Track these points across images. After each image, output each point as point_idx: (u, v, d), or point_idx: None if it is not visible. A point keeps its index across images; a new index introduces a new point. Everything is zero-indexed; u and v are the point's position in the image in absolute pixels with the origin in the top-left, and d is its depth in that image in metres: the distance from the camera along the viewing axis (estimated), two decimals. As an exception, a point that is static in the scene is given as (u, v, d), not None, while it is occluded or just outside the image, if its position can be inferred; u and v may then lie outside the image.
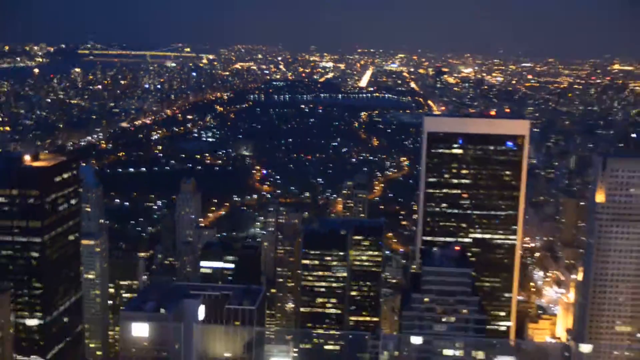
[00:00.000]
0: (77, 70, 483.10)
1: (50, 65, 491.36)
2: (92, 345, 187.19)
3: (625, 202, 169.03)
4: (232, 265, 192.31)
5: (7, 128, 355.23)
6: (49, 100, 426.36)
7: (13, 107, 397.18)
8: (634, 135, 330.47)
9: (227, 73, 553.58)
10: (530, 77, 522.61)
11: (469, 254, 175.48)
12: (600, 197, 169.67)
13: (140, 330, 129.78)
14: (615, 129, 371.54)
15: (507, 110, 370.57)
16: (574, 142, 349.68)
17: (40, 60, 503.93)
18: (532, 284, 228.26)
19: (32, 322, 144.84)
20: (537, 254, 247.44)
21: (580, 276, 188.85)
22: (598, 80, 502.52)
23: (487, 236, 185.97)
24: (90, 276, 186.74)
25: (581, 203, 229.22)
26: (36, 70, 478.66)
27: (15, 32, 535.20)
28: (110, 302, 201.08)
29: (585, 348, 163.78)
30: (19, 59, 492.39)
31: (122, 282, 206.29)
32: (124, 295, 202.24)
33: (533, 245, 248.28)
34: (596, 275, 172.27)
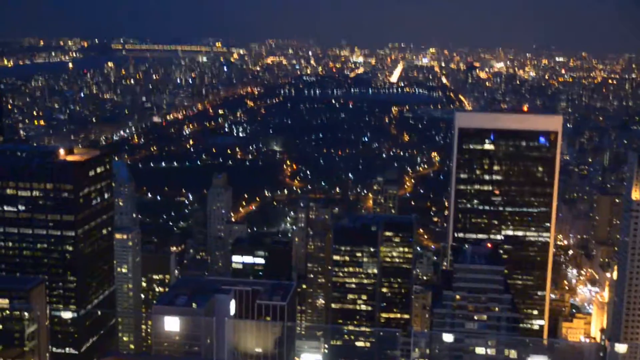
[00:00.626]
0: (110, 65, 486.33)
1: (84, 60, 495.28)
2: (125, 339, 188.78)
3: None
4: (262, 261, 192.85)
5: (42, 122, 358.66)
6: (83, 95, 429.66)
7: (47, 101, 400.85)
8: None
9: (258, 68, 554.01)
10: (563, 71, 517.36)
11: (501, 251, 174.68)
12: (636, 194, 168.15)
13: (172, 324, 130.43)
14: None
15: (540, 105, 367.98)
16: (609, 138, 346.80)
17: (74, 55, 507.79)
18: (565, 282, 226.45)
19: (67, 314, 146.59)
20: (570, 252, 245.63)
21: (615, 275, 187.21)
22: (633, 75, 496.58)
23: (520, 233, 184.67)
24: (123, 270, 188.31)
25: (616, 200, 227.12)
26: (70, 65, 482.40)
27: (50, 26, 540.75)
28: (142, 296, 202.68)
29: (621, 348, 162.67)
30: (53, 53, 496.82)
31: (154, 276, 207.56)
32: (156, 289, 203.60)
33: (566, 242, 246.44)
34: (631, 274, 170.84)
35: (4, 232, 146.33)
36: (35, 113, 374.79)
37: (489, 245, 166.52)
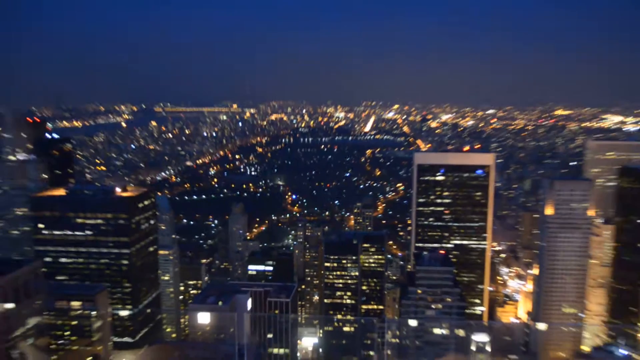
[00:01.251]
0: (154, 123, 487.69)
1: (133, 120, 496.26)
2: (168, 330, 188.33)
3: (568, 214, 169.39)
4: (271, 268, 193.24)
5: (103, 168, 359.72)
6: (133, 146, 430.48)
7: (107, 152, 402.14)
8: (573, 163, 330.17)
9: (265, 123, 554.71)
10: (493, 120, 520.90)
11: (451, 256, 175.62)
12: (549, 210, 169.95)
13: (204, 318, 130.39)
14: (559, 158, 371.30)
15: (477, 146, 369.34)
16: (528, 169, 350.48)
17: (126, 116, 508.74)
18: (499, 278, 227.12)
19: (124, 313, 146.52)
20: (502, 255, 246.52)
21: (535, 271, 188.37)
22: (544, 122, 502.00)
23: (464, 242, 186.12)
24: (166, 278, 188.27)
25: (535, 215, 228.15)
26: (123, 124, 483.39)
27: (108, 95, 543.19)
28: (180, 297, 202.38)
29: (541, 326, 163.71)
30: (110, 116, 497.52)
31: (189, 282, 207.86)
32: (191, 292, 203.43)
33: (499, 248, 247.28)
34: (547, 270, 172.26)
35: (76, 251, 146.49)
36: (97, 161, 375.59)
37: (442, 251, 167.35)
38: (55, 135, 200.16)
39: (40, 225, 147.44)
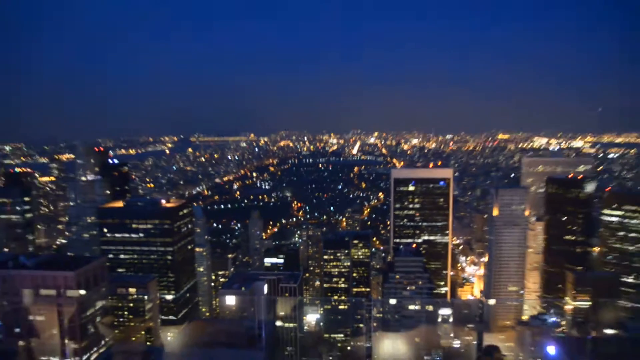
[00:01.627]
0: (190, 150, 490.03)
1: (174, 148, 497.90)
2: (203, 309, 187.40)
3: (510, 214, 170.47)
4: (282, 261, 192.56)
5: (152, 185, 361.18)
6: (175, 168, 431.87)
7: (155, 173, 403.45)
8: (512, 175, 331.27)
9: (275, 148, 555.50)
10: (451, 143, 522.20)
11: (421, 248, 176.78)
12: (495, 212, 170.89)
13: (231, 300, 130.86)
14: (501, 172, 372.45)
15: (439, 163, 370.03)
16: (478, 180, 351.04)
17: (169, 145, 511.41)
18: (459, 265, 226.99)
19: (169, 297, 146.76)
20: (461, 247, 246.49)
21: (486, 259, 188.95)
22: (489, 144, 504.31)
23: (431, 238, 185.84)
24: (201, 269, 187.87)
25: (485, 216, 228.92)
26: (167, 151, 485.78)
27: (155, 128, 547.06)
28: (212, 284, 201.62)
29: (491, 301, 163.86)
30: (157, 145, 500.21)
31: (219, 272, 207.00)
32: (220, 280, 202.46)
33: (458, 242, 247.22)
34: (495, 258, 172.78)
35: (132, 250, 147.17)
36: (147, 180, 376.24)
37: (414, 245, 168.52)
38: (116, 161, 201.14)
39: (105, 230, 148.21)
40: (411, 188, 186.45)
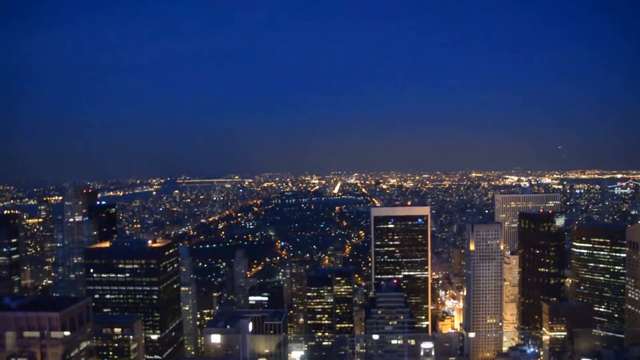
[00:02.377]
0: (176, 192, 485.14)
1: (161, 190, 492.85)
2: (188, 348, 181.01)
3: (485, 248, 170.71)
4: (266, 299, 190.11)
5: (138, 226, 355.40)
6: (161, 209, 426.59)
7: (141, 214, 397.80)
8: (486, 211, 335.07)
9: (259, 189, 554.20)
10: (427, 182, 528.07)
11: (402, 284, 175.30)
12: (472, 246, 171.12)
13: (216, 339, 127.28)
14: (476, 208, 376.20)
15: (417, 201, 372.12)
16: (455, 217, 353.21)
17: (156, 187, 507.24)
18: (439, 299, 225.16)
19: (154, 336, 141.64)
20: (440, 282, 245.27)
21: (464, 292, 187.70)
22: (464, 182, 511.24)
23: (412, 273, 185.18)
24: (186, 308, 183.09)
25: (462, 251, 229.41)
26: (154, 193, 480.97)
27: (142, 170, 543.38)
28: (197, 323, 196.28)
29: (472, 334, 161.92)
30: (145, 187, 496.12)
31: (204, 311, 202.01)
32: (205, 318, 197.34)
33: (437, 276, 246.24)
34: (474, 291, 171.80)
35: (117, 289, 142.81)
36: (134, 221, 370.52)
37: (395, 281, 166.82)
38: (103, 202, 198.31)
39: (91, 270, 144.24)
40: (390, 225, 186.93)
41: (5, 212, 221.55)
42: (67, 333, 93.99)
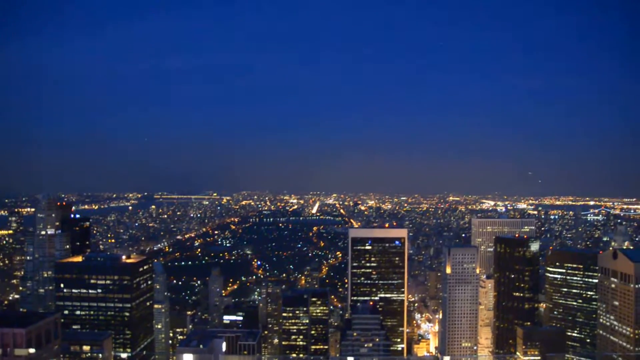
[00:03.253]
0: (153, 207, 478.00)
1: (138, 205, 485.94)
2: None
3: (462, 272, 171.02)
4: (241, 318, 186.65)
5: (112, 241, 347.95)
6: (137, 224, 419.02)
7: (117, 228, 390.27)
8: (463, 234, 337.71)
9: (237, 207, 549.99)
10: (405, 205, 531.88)
11: (378, 306, 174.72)
12: (448, 269, 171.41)
13: (188, 358, 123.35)
14: (453, 232, 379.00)
15: (394, 223, 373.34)
16: (432, 240, 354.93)
17: (133, 201, 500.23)
18: (414, 321, 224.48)
19: (124, 355, 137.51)
20: (416, 304, 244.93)
21: (440, 315, 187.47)
22: (442, 205, 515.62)
23: (388, 295, 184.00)
24: (158, 326, 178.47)
25: (438, 274, 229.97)
26: (130, 207, 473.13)
27: (119, 185, 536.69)
28: (170, 342, 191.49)
29: (447, 358, 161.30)
30: (121, 201, 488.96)
31: (177, 330, 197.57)
32: (178, 337, 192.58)
33: (413, 299, 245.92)
34: (449, 315, 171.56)
35: (88, 305, 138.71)
36: (109, 235, 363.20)
37: (371, 303, 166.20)
38: (77, 215, 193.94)
39: (61, 285, 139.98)
40: (368, 247, 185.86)
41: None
42: (32, 350, 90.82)
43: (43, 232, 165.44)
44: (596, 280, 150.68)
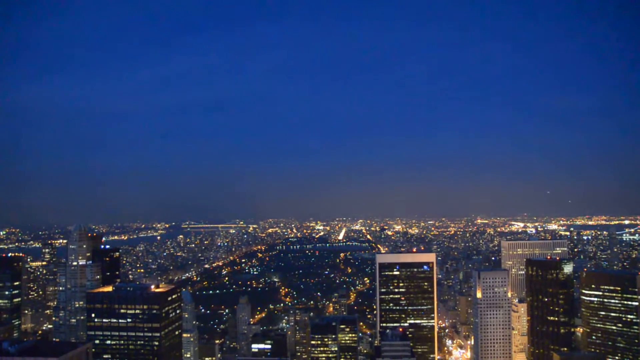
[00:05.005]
0: (181, 236, 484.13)
1: (166, 234, 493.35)
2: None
3: (493, 296, 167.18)
4: (270, 346, 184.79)
5: (142, 270, 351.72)
6: (165, 254, 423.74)
7: (145, 258, 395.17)
8: (493, 258, 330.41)
9: (264, 235, 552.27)
10: (433, 229, 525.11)
11: (408, 332, 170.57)
12: (479, 294, 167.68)
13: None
14: (482, 255, 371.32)
15: (422, 248, 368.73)
16: (461, 264, 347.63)
17: (161, 231, 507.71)
18: (445, 348, 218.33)
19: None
20: (447, 330, 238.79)
21: (472, 341, 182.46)
22: (470, 229, 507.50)
23: (417, 321, 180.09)
24: (187, 355, 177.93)
25: (469, 298, 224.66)
26: (158, 237, 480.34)
27: (147, 215, 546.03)
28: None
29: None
30: (149, 231, 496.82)
31: (206, 358, 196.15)
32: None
33: (444, 325, 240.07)
34: (481, 341, 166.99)
35: (118, 335, 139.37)
36: (138, 265, 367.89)
37: (401, 329, 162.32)
38: (107, 246, 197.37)
39: (92, 315, 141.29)
40: (396, 272, 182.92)
41: (9, 254, 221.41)
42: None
43: (75, 263, 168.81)
44: (636, 303, 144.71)
